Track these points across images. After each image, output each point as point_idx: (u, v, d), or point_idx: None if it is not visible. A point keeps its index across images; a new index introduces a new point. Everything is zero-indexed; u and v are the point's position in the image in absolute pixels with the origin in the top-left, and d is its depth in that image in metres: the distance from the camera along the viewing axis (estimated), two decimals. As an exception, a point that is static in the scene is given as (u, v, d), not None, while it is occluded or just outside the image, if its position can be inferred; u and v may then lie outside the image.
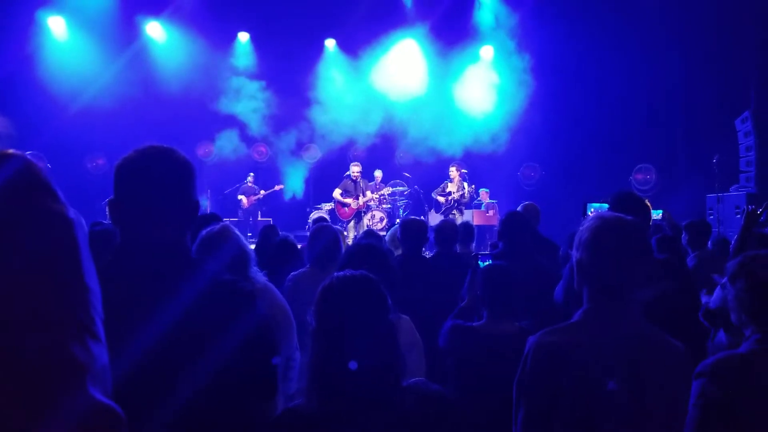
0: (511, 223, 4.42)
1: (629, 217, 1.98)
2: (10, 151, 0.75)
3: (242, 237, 2.95)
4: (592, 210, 4.19)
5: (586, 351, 1.90)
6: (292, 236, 5.02)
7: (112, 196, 1.74)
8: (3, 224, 0.69)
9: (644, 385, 1.88)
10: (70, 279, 0.74)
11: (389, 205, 13.50)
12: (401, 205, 14.06)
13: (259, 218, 14.22)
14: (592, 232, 1.95)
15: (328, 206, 13.62)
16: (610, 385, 1.83)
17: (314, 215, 12.94)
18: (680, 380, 1.97)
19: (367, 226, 12.34)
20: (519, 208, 5.47)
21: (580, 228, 2.00)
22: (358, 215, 12.71)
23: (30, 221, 0.71)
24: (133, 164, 1.73)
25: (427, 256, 5.07)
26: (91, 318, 0.76)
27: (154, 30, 14.76)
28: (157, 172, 1.73)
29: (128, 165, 1.73)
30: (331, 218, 12.71)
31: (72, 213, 0.77)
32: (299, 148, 15.57)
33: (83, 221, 0.82)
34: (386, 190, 13.22)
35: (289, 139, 15.27)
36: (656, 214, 6.89)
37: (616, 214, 2.01)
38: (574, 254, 2.00)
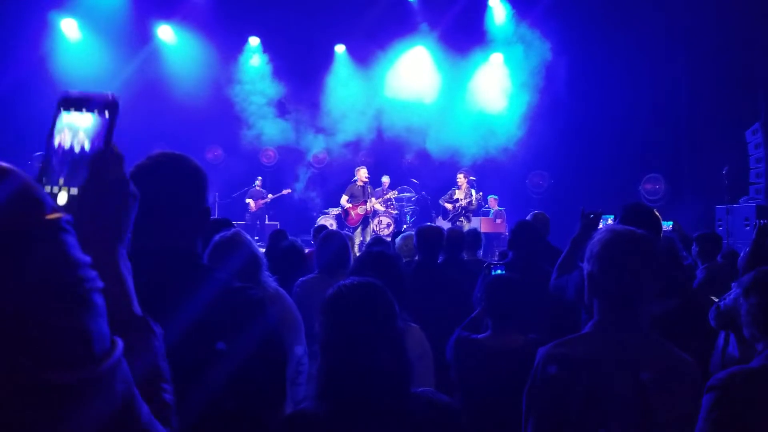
0: (521, 232, 4.41)
1: (640, 231, 1.98)
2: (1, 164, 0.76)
3: (254, 242, 2.96)
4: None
5: (597, 363, 1.89)
6: (299, 241, 5.03)
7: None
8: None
9: (654, 398, 1.87)
10: (77, 289, 0.77)
11: (396, 211, 13.51)
12: (408, 212, 14.05)
13: (267, 222, 14.26)
14: (603, 244, 1.95)
15: (335, 211, 13.64)
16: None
17: (320, 221, 12.97)
18: (690, 394, 1.96)
19: (374, 231, 12.36)
20: (528, 217, 5.46)
21: (592, 240, 2.00)
22: (365, 221, 12.72)
23: (24, 237, 0.73)
24: (144, 171, 1.74)
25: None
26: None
27: (166, 33, 14.84)
28: (169, 179, 1.73)
29: (140, 172, 1.74)
30: (338, 224, 12.76)
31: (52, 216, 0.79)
32: (307, 153, 15.60)
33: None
34: (392, 194, 13.24)
35: (297, 143, 15.30)
36: (666, 225, 6.87)
37: (628, 227, 2.01)
38: (585, 267, 2.00)
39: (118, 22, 14.07)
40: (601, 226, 3.58)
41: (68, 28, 14.14)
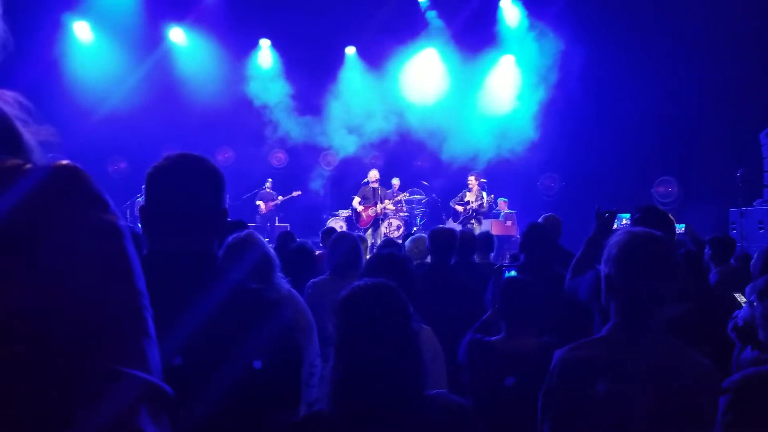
0: (532, 234, 4.39)
1: (658, 233, 1.97)
2: (64, 162, 0.77)
3: (266, 244, 2.97)
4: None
5: (613, 366, 1.89)
6: (309, 242, 5.03)
7: (143, 203, 1.77)
8: (48, 236, 0.72)
9: (671, 401, 1.86)
10: (123, 285, 0.76)
11: (406, 213, 13.49)
12: (419, 214, 14.03)
13: (277, 224, 14.27)
14: (621, 247, 1.94)
15: (345, 213, 13.65)
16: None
17: (330, 222, 12.98)
18: (707, 396, 1.95)
19: (384, 234, 12.34)
20: (540, 220, 5.44)
21: (609, 242, 1.99)
22: (376, 223, 12.71)
23: (77, 232, 0.73)
24: (162, 172, 1.74)
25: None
26: (145, 319, 0.79)
27: (177, 36, 14.91)
28: (187, 181, 1.73)
29: (158, 173, 1.74)
30: (348, 226, 12.76)
31: (122, 222, 0.79)
32: (317, 154, 15.62)
33: (129, 227, 0.84)
34: (403, 196, 13.22)
35: (307, 145, 15.33)
36: (679, 228, 6.83)
37: (645, 229, 1.99)
38: (602, 269, 1.99)
39: (130, 24, 14.16)
40: (615, 225, 3.56)
41: (81, 30, 14.23)
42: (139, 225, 1.94)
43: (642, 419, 1.85)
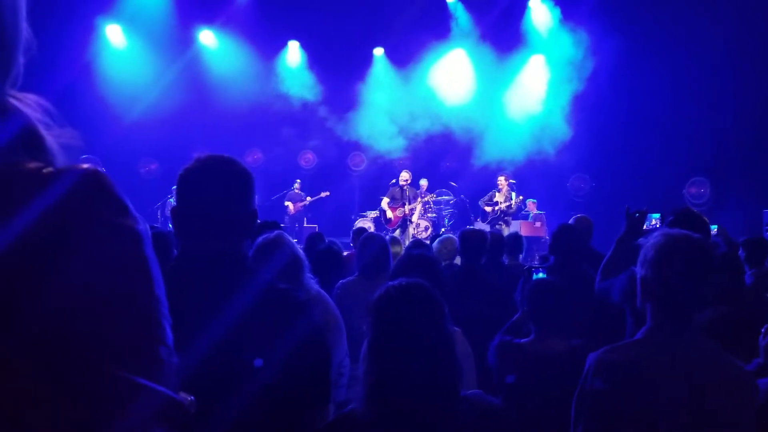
0: (562, 236, 4.34)
1: (696, 235, 1.93)
2: (84, 165, 0.76)
3: (295, 245, 2.98)
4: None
5: (649, 369, 1.86)
6: (338, 243, 5.04)
7: (174, 205, 1.79)
8: (66, 240, 0.70)
9: (708, 404, 1.83)
10: (140, 292, 0.75)
11: (434, 214, 13.45)
12: (447, 215, 13.98)
13: (305, 225, 14.33)
14: (658, 249, 1.90)
15: (372, 214, 13.65)
16: None
17: (358, 223, 13.00)
18: (744, 400, 1.92)
19: (413, 235, 12.32)
20: (571, 221, 5.37)
21: (646, 244, 1.96)
22: (404, 224, 12.69)
23: (95, 236, 0.72)
24: (193, 174, 1.76)
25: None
26: (162, 327, 0.77)
27: (207, 38, 15.07)
28: (217, 182, 1.75)
29: (188, 175, 1.77)
30: (376, 226, 12.77)
31: (141, 226, 0.78)
32: (346, 156, 15.65)
33: (149, 230, 0.83)
34: (430, 197, 13.18)
35: (335, 146, 15.37)
36: (711, 230, 6.69)
37: (683, 231, 1.96)
38: (639, 271, 1.96)
39: (161, 27, 14.34)
40: (645, 225, 3.52)
41: (113, 34, 14.45)
42: (170, 226, 1.96)
43: (678, 422, 1.82)
